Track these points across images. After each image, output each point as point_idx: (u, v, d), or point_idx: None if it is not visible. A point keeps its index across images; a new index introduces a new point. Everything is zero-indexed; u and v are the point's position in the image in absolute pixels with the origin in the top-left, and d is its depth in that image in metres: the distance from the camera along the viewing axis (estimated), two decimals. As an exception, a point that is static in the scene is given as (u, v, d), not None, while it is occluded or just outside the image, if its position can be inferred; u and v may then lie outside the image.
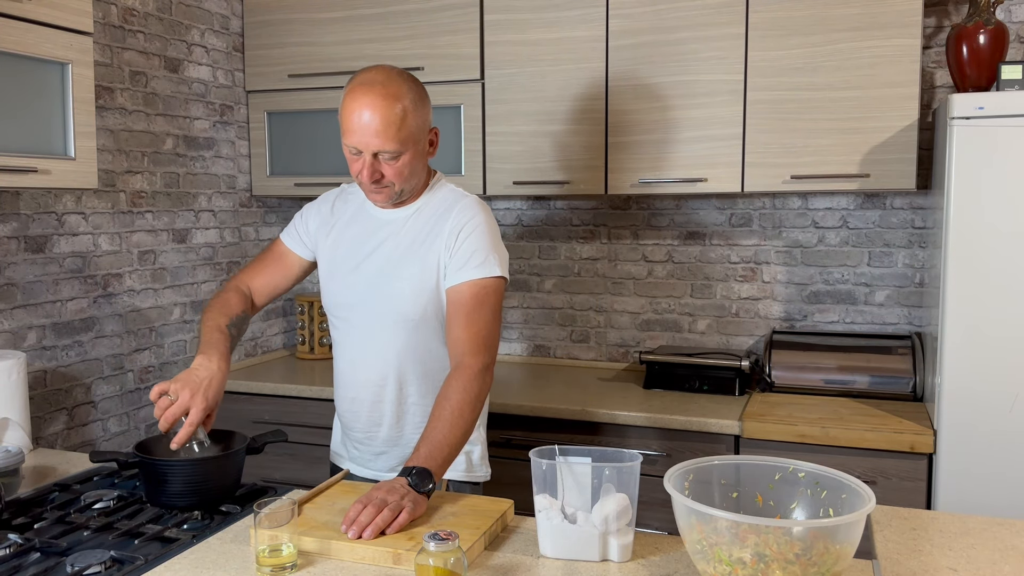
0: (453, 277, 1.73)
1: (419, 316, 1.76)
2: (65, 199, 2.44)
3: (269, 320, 3.33)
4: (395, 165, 1.68)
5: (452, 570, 1.20)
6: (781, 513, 1.33)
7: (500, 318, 1.77)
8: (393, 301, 1.77)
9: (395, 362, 1.80)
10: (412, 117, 1.67)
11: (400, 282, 1.76)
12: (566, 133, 2.74)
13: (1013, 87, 2.17)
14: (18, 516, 1.58)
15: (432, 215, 1.79)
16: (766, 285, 2.96)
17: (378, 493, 1.45)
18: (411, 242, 1.77)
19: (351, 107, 1.66)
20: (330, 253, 1.87)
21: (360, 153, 1.67)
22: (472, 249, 1.73)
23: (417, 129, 1.70)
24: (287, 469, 2.84)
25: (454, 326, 1.72)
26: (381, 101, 1.64)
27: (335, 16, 2.97)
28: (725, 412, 2.47)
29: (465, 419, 1.62)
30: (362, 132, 1.64)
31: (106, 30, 2.54)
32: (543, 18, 2.74)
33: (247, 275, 1.95)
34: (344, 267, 1.84)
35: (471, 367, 1.67)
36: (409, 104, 1.67)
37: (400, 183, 1.72)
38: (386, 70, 1.70)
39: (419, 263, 1.75)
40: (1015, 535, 1.48)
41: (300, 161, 3.09)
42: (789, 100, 2.51)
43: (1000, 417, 2.15)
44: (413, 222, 1.79)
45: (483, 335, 1.71)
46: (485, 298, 1.72)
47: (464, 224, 1.74)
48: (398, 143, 1.66)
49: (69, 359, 2.47)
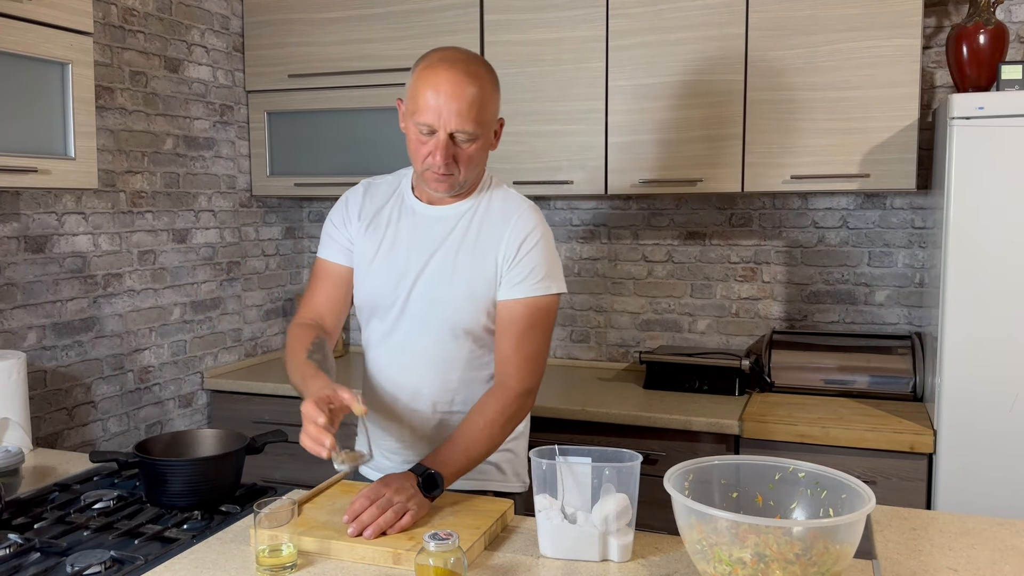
0: (509, 292, 1.63)
1: (471, 323, 1.65)
2: (65, 199, 2.44)
3: (269, 320, 3.33)
4: (468, 150, 1.57)
5: (452, 570, 1.20)
6: (781, 513, 1.33)
7: (551, 337, 1.69)
8: (444, 305, 1.65)
9: (441, 368, 1.68)
10: (490, 99, 1.59)
11: (455, 288, 1.64)
12: (566, 133, 2.74)
13: (1013, 87, 2.17)
14: (18, 516, 1.58)
15: (489, 217, 1.66)
16: (766, 285, 2.96)
17: (386, 491, 1.45)
18: (466, 244, 1.65)
19: (430, 82, 1.53)
20: (368, 250, 1.72)
21: (433, 134, 1.55)
22: (533, 265, 1.62)
23: (492, 115, 1.61)
24: (287, 469, 2.84)
25: (504, 343, 1.64)
26: (465, 79, 1.53)
27: (335, 16, 2.97)
28: (725, 412, 2.47)
29: (493, 438, 1.59)
30: (442, 109, 1.52)
31: (106, 30, 2.54)
32: (543, 18, 2.74)
33: (302, 309, 1.79)
34: (385, 267, 1.69)
35: (514, 389, 1.62)
36: (488, 87, 1.58)
37: (466, 171, 1.60)
38: (464, 50, 1.61)
39: (477, 269, 1.63)
40: (1015, 535, 1.48)
41: (300, 161, 3.09)
42: (789, 100, 2.51)
43: (1000, 417, 2.15)
44: (467, 222, 1.66)
45: (532, 358, 1.64)
46: (539, 320, 1.64)
47: (527, 235, 1.63)
48: (477, 124, 1.55)
49: (69, 359, 2.47)
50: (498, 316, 1.65)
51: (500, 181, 1.75)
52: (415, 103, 1.56)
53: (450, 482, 1.54)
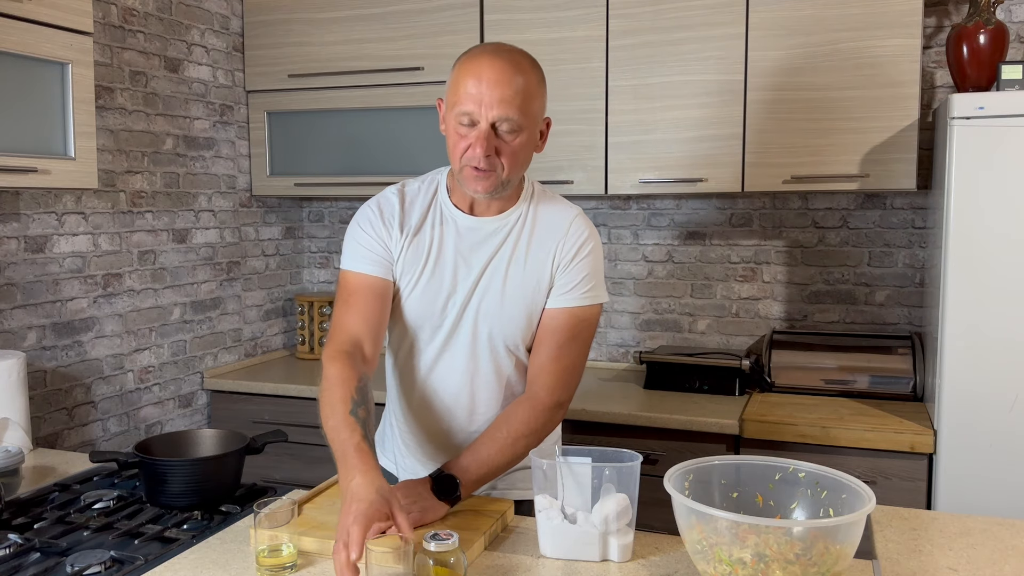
0: (556, 300, 1.57)
1: (527, 340, 1.59)
2: (65, 199, 2.44)
3: (269, 320, 3.33)
4: (512, 143, 1.47)
5: (452, 570, 1.20)
6: (781, 513, 1.33)
7: (589, 350, 1.63)
8: (498, 322, 1.57)
9: (492, 387, 1.61)
10: (536, 93, 1.50)
11: (506, 303, 1.57)
12: (567, 133, 2.74)
13: (1013, 87, 2.17)
14: (18, 516, 1.58)
15: (539, 227, 1.58)
16: (766, 285, 2.96)
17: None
18: (517, 257, 1.57)
19: (471, 70, 1.45)
20: (415, 265, 1.58)
21: (474, 125, 1.45)
22: (583, 274, 1.56)
23: (538, 109, 1.51)
24: (287, 469, 2.84)
25: (542, 352, 1.58)
26: (509, 67, 1.45)
27: (335, 16, 2.97)
28: (725, 412, 2.47)
29: (517, 449, 1.53)
30: (484, 96, 1.43)
31: (106, 30, 2.54)
32: (543, 18, 2.74)
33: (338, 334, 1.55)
34: (434, 283, 1.58)
35: (544, 401, 1.56)
36: (534, 80, 1.49)
37: (510, 168, 1.48)
38: (509, 45, 1.53)
39: (529, 282, 1.57)
40: (1015, 535, 1.48)
41: (300, 161, 3.09)
42: (789, 100, 2.51)
43: (1000, 417, 2.15)
44: (516, 233, 1.57)
45: (569, 371, 1.58)
46: (581, 331, 1.58)
47: (581, 245, 1.57)
48: (522, 113, 1.45)
49: (69, 359, 2.47)
50: (540, 323, 1.59)
51: (544, 188, 1.65)
52: (455, 94, 1.47)
53: (470, 489, 1.51)
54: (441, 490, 1.47)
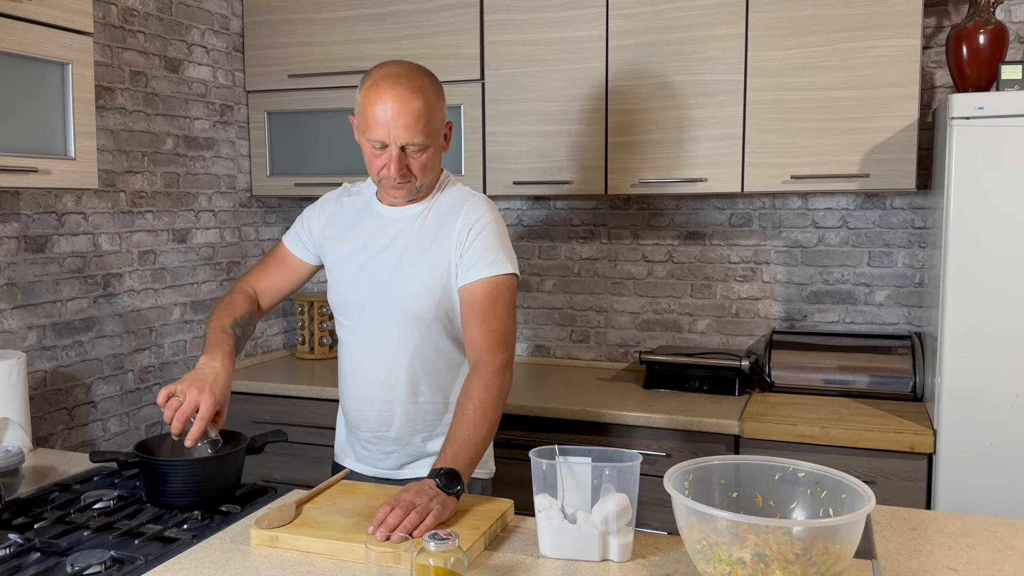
0: (465, 276, 1.73)
1: (431, 315, 1.76)
2: (65, 199, 2.44)
3: (269, 320, 3.33)
4: (420, 158, 1.69)
5: (452, 570, 1.20)
6: (781, 513, 1.33)
7: (515, 314, 1.76)
8: (404, 300, 1.76)
9: (405, 361, 1.78)
10: (436, 108, 1.69)
11: (411, 280, 1.75)
12: (566, 133, 2.74)
13: (1013, 87, 2.17)
14: (18, 516, 1.58)
15: (442, 213, 1.78)
16: (766, 285, 2.96)
17: (407, 495, 1.44)
18: (422, 240, 1.77)
19: (376, 100, 1.65)
20: (336, 252, 1.86)
21: (385, 148, 1.67)
22: (483, 247, 1.73)
23: (439, 122, 1.72)
24: (287, 469, 2.84)
25: (470, 325, 1.72)
26: (408, 94, 1.64)
27: (335, 16, 2.97)
28: (725, 412, 2.47)
29: (488, 417, 1.63)
30: (390, 125, 1.64)
31: (106, 30, 2.54)
32: (543, 18, 2.74)
33: (252, 277, 1.96)
34: (352, 266, 1.82)
35: (490, 364, 1.68)
36: (433, 97, 1.69)
37: (422, 177, 1.72)
38: (406, 64, 1.71)
39: (430, 261, 1.75)
40: (1015, 535, 1.48)
41: (300, 161, 3.09)
42: (789, 100, 2.51)
43: (1000, 417, 2.15)
44: (423, 220, 1.78)
45: (500, 332, 1.71)
46: (499, 295, 1.72)
47: (474, 222, 1.74)
48: (426, 135, 1.66)
49: (69, 359, 2.47)
50: (461, 303, 1.75)
51: (455, 180, 1.86)
52: (365, 121, 1.67)
53: (468, 474, 1.56)
54: (446, 484, 1.49)
